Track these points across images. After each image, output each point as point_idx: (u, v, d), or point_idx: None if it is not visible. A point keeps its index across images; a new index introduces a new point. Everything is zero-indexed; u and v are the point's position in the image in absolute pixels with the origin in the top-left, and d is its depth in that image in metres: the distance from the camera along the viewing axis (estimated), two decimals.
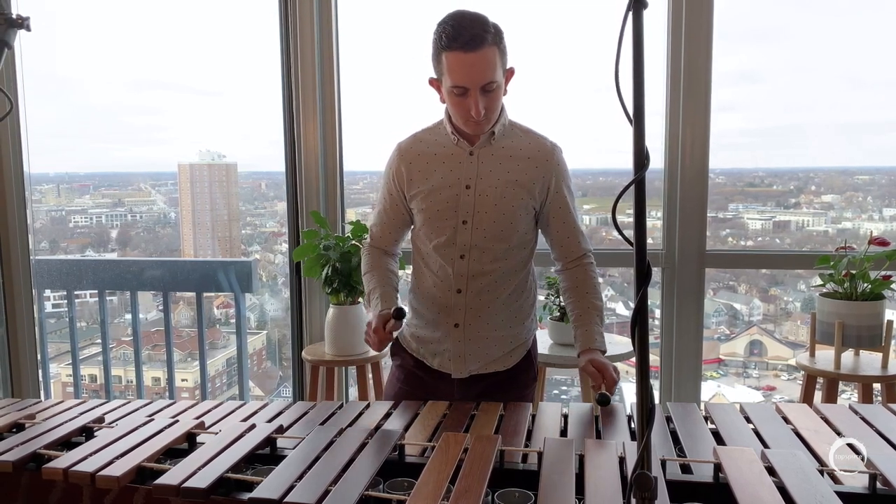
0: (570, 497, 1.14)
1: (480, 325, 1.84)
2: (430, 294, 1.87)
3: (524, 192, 1.78)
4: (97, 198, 4.34)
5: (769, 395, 3.80)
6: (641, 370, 0.87)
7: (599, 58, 2.58)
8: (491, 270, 1.81)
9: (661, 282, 2.88)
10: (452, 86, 1.65)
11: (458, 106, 1.69)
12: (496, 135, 1.78)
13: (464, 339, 1.84)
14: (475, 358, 1.85)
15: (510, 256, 1.82)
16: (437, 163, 1.81)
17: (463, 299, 1.82)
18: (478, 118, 1.68)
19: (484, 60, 1.62)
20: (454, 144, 1.80)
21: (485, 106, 1.67)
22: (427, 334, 1.89)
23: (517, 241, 1.82)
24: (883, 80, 3.11)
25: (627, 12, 0.87)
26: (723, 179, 3.66)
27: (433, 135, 1.85)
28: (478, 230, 1.78)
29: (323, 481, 1.20)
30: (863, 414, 1.54)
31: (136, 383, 3.51)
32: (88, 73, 3.84)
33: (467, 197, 1.78)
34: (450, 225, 1.79)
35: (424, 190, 1.81)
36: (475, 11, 1.66)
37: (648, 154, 0.87)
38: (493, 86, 1.66)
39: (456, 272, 1.81)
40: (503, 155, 1.79)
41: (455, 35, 1.61)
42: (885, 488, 1.16)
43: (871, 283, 2.45)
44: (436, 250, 1.83)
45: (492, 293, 1.82)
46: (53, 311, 3.93)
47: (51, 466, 1.33)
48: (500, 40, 1.66)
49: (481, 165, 1.78)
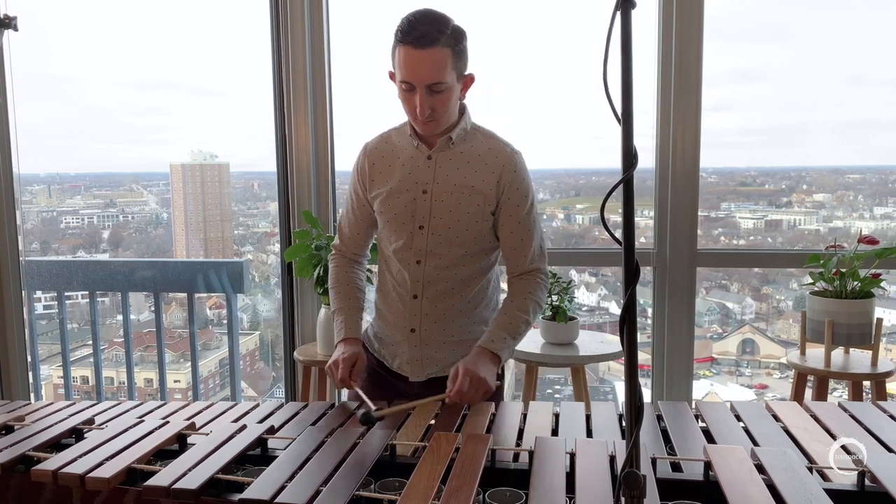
0: (560, 496, 1.14)
1: (437, 332, 1.82)
2: (390, 297, 1.87)
3: (480, 198, 1.76)
4: (89, 198, 4.32)
5: (762, 394, 3.81)
6: (630, 369, 0.87)
7: (591, 57, 2.59)
8: (447, 277, 1.79)
9: (652, 281, 2.89)
10: (400, 80, 1.66)
11: (407, 102, 1.69)
12: (454, 139, 1.76)
13: (420, 344, 1.83)
14: (432, 362, 1.84)
15: (467, 263, 1.80)
16: (398, 165, 1.80)
17: (419, 305, 1.81)
18: (421, 117, 1.67)
19: (432, 60, 1.61)
20: (414, 147, 1.79)
21: (431, 106, 1.65)
22: (387, 335, 1.89)
23: (475, 248, 1.80)
24: (877, 80, 3.13)
25: (615, 12, 0.87)
26: (715, 178, 3.67)
27: (398, 136, 1.84)
28: (434, 236, 1.77)
29: (314, 482, 1.20)
30: (852, 411, 1.55)
31: (128, 385, 3.50)
32: (80, 74, 3.82)
33: (424, 202, 1.76)
34: (406, 229, 1.78)
35: (384, 192, 1.81)
36: (440, 11, 1.66)
37: (636, 153, 0.87)
38: (440, 87, 1.64)
39: (412, 277, 1.80)
40: (461, 160, 1.77)
41: (408, 30, 1.61)
42: (874, 485, 1.16)
43: (861, 282, 2.46)
44: (394, 254, 1.82)
45: (448, 300, 1.81)
46: (44, 312, 3.91)
47: (40, 468, 1.32)
48: (456, 43, 1.64)
49: (438, 170, 1.76)
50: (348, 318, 1.86)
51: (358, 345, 1.82)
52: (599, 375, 4.02)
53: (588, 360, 2.72)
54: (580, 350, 2.72)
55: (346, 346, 1.80)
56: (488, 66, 3.36)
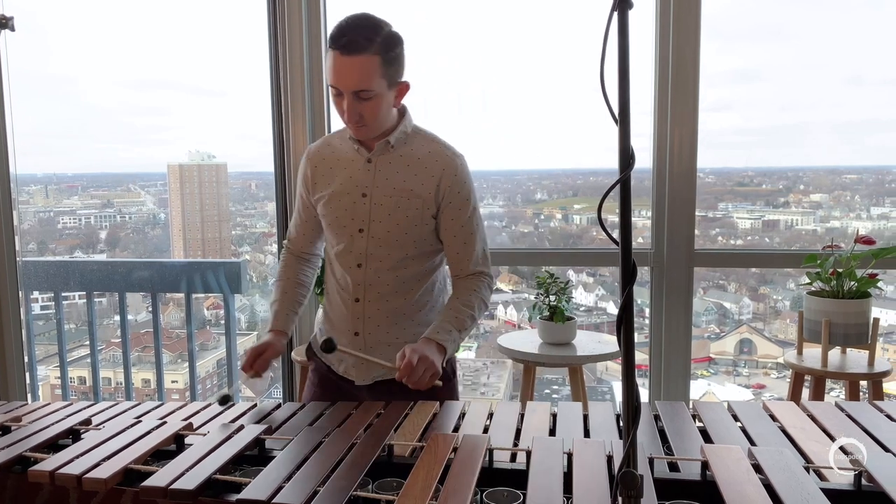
0: (557, 496, 1.14)
1: (381, 335, 1.82)
2: (335, 301, 1.87)
3: (419, 202, 1.75)
4: (86, 199, 4.32)
5: (759, 394, 3.82)
6: (627, 369, 0.87)
7: (589, 57, 2.59)
8: (388, 280, 1.78)
9: (650, 281, 2.89)
10: (329, 84, 1.66)
11: (337, 106, 1.69)
12: (393, 142, 1.76)
13: (364, 348, 1.81)
14: (378, 365, 1.81)
15: (409, 266, 1.79)
16: (339, 168, 1.81)
17: (361, 308, 1.80)
18: (349, 122, 1.68)
19: (358, 67, 1.60)
20: (354, 151, 1.79)
21: (359, 112, 1.65)
22: (334, 339, 1.88)
23: (416, 251, 1.79)
24: (874, 80, 3.13)
25: (613, 12, 0.87)
26: (712, 179, 3.68)
27: (340, 139, 1.84)
28: (373, 239, 1.76)
29: (311, 482, 1.20)
30: (849, 411, 1.55)
31: (125, 385, 3.49)
32: (77, 74, 3.82)
33: (363, 205, 1.76)
34: (347, 233, 1.79)
35: (326, 195, 1.81)
36: (376, 18, 1.66)
37: (633, 153, 0.87)
38: (368, 94, 1.63)
39: (354, 281, 1.80)
40: (401, 163, 1.77)
41: (338, 36, 1.61)
42: (871, 485, 1.17)
43: (858, 282, 2.47)
44: (337, 258, 1.83)
45: (391, 303, 1.80)
46: (41, 312, 3.91)
47: (37, 469, 1.32)
48: (387, 51, 1.63)
49: (378, 173, 1.76)
50: (278, 311, 1.89)
51: (278, 336, 1.85)
52: (597, 375, 4.03)
53: (585, 361, 2.72)
54: (578, 350, 2.73)
55: (267, 335, 1.85)
56: (486, 67, 3.37)
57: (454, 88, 3.38)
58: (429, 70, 3.31)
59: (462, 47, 3.26)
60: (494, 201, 3.99)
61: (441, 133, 1.85)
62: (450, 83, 3.35)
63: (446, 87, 3.36)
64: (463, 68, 3.33)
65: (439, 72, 3.30)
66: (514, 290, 4.15)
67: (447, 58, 3.27)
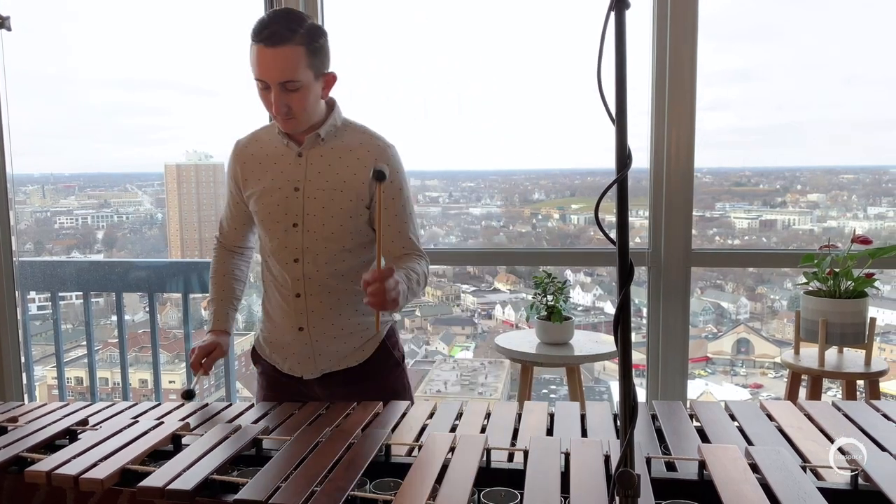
0: (555, 495, 1.14)
1: (325, 327, 1.82)
2: (274, 298, 1.87)
3: (353, 194, 1.75)
4: (83, 199, 4.31)
5: (756, 393, 3.83)
6: (624, 369, 0.87)
7: (586, 57, 2.59)
8: (328, 272, 1.79)
9: (647, 281, 2.89)
10: (255, 78, 1.67)
11: (264, 100, 1.70)
12: (323, 135, 1.76)
13: (310, 341, 1.82)
14: (325, 358, 1.84)
15: (347, 258, 1.80)
16: (270, 164, 1.80)
17: (303, 303, 1.80)
18: (277, 114, 1.68)
19: (283, 58, 1.61)
20: (284, 145, 1.79)
21: (287, 104, 1.66)
22: (276, 338, 1.89)
23: (352, 243, 1.79)
24: (871, 80, 3.14)
25: (609, 12, 0.87)
26: (710, 179, 3.69)
27: (268, 134, 1.84)
28: (309, 233, 1.77)
29: (309, 482, 1.20)
30: (846, 411, 1.55)
31: (122, 385, 3.49)
32: (75, 73, 3.81)
33: (296, 200, 1.76)
34: (281, 228, 1.78)
35: (257, 191, 1.81)
36: (297, 10, 1.68)
37: (630, 153, 0.87)
38: (294, 85, 1.64)
39: (292, 276, 1.80)
40: (332, 156, 1.77)
41: (260, 29, 1.62)
42: (867, 484, 1.17)
43: (855, 281, 2.47)
44: (273, 254, 1.82)
45: (333, 294, 1.81)
46: (38, 313, 3.90)
47: (34, 469, 1.31)
48: (311, 41, 1.64)
49: (310, 167, 1.76)
50: (217, 310, 1.90)
51: (222, 335, 1.88)
52: (594, 375, 4.03)
53: (583, 360, 2.72)
54: (575, 350, 2.73)
55: (210, 336, 1.86)
56: (485, 67, 3.37)
57: (454, 88, 3.38)
58: (429, 70, 3.31)
59: (462, 47, 3.26)
60: (492, 201, 4.00)
61: (441, 133, 1.86)
62: (450, 83, 3.36)
63: (446, 88, 3.36)
64: (462, 68, 3.33)
65: (439, 72, 3.31)
66: (511, 290, 4.16)
67: (447, 58, 3.27)
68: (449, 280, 4.28)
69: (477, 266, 4.03)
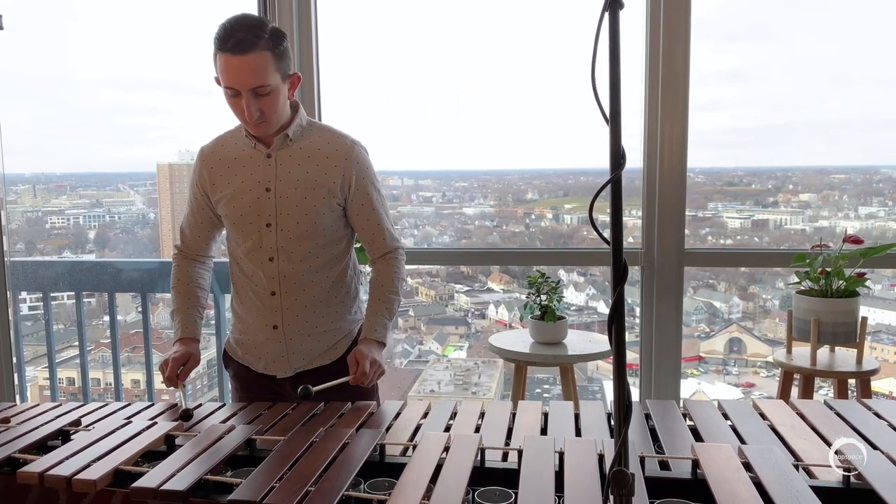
0: (549, 495, 1.14)
1: (300, 325, 1.86)
2: (248, 299, 1.89)
3: (324, 192, 1.80)
4: (74, 198, 4.28)
5: (748, 392, 3.84)
6: (618, 368, 0.88)
7: (579, 57, 2.60)
8: (302, 270, 1.83)
9: (640, 280, 2.90)
10: (224, 87, 1.69)
11: (234, 107, 1.72)
12: (292, 136, 1.80)
13: (284, 339, 1.86)
14: (298, 356, 1.87)
15: (321, 255, 1.84)
16: (238, 167, 1.83)
17: (278, 301, 1.84)
18: (250, 120, 1.70)
19: (252, 64, 1.64)
20: (252, 147, 1.82)
21: (259, 108, 1.69)
22: (249, 339, 1.91)
23: (326, 240, 1.84)
24: (862, 80, 3.15)
25: (603, 13, 0.87)
26: (702, 178, 3.70)
27: (234, 138, 1.87)
28: (283, 232, 1.80)
29: (303, 482, 1.20)
30: (838, 409, 1.56)
31: (115, 386, 3.47)
32: (66, 73, 3.79)
33: (268, 200, 1.80)
34: (254, 229, 1.82)
35: (227, 195, 1.83)
36: (256, 16, 1.71)
37: (624, 153, 0.87)
38: (264, 90, 1.67)
39: (267, 275, 1.83)
40: (301, 156, 1.81)
41: (226, 37, 1.64)
42: (859, 482, 1.18)
43: (846, 281, 2.48)
44: (246, 255, 1.85)
45: (307, 292, 1.84)
46: (30, 313, 3.88)
47: (26, 470, 1.31)
48: (275, 45, 1.68)
49: (280, 167, 1.80)
50: (185, 319, 1.90)
51: (192, 344, 1.87)
52: (588, 375, 4.04)
53: (577, 360, 2.73)
54: (569, 349, 2.73)
55: (179, 346, 1.85)
56: (482, 67, 3.37)
57: (453, 89, 3.38)
58: (428, 71, 3.31)
59: (459, 48, 3.26)
60: (485, 201, 4.00)
61: (438, 133, 1.88)
62: (448, 84, 3.36)
63: (445, 88, 3.36)
64: (459, 69, 3.33)
65: (438, 72, 3.31)
66: (505, 290, 4.16)
67: (445, 58, 3.27)
68: (442, 280, 4.28)
69: (470, 266, 4.03)
